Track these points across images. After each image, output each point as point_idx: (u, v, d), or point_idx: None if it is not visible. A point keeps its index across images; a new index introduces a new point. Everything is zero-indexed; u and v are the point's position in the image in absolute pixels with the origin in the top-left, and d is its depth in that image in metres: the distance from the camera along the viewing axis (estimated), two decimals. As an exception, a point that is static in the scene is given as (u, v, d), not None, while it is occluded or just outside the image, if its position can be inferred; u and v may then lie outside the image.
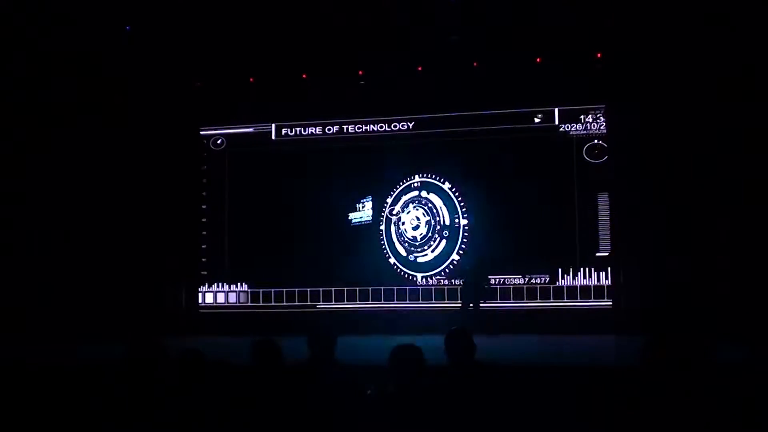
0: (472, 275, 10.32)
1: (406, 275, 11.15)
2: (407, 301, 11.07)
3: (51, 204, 10.89)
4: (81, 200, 11.01)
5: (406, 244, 11.20)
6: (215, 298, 11.65)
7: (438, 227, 11.10)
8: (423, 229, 11.17)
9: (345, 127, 11.55)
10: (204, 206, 11.80)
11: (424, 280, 11.06)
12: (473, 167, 10.98)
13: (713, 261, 9.30)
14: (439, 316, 10.58)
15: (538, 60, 10.33)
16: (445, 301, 10.90)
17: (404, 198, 11.30)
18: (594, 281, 10.52)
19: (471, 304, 10.13)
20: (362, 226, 11.34)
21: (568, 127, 10.79)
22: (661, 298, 9.51)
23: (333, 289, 11.25)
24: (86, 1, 9.22)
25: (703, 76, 9.24)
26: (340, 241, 11.29)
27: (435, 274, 11.03)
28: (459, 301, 10.51)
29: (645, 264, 10.03)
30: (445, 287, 10.96)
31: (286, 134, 11.73)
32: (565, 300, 10.57)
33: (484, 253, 10.58)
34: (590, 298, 10.50)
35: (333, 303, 11.22)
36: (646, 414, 2.34)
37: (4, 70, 9.89)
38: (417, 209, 11.21)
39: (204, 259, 11.72)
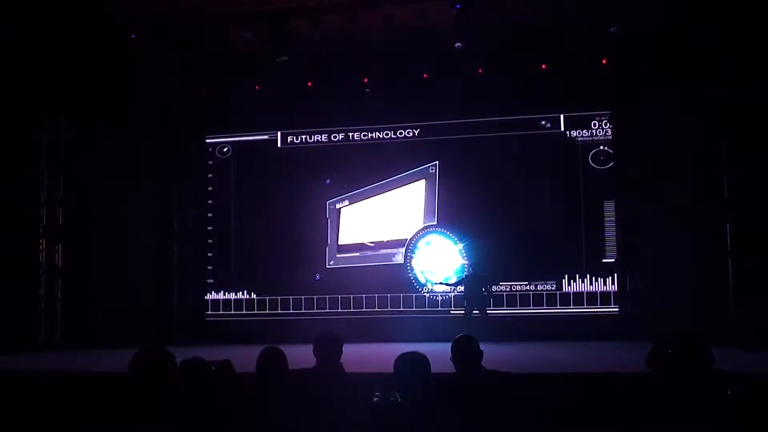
0: (473, 281, 10.25)
1: (416, 282, 11.16)
2: (414, 309, 11.05)
3: (52, 208, 10.94)
4: (83, 205, 11.05)
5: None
6: (222, 305, 11.65)
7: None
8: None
9: (351, 134, 11.58)
10: (210, 214, 11.83)
11: (434, 286, 11.06)
12: (479, 173, 10.97)
13: (718, 266, 9.24)
14: (446, 323, 10.54)
15: (543, 67, 10.33)
16: (452, 309, 10.89)
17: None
18: (600, 287, 10.50)
19: (476, 310, 10.07)
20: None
21: (574, 134, 10.79)
22: (667, 305, 9.47)
23: (339, 296, 11.24)
24: (92, 6, 9.22)
25: (705, 79, 9.22)
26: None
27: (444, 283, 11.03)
28: (462, 309, 10.44)
29: (651, 270, 9.98)
30: (452, 294, 10.94)
31: (292, 142, 11.76)
32: (572, 306, 10.54)
33: (486, 258, 10.51)
34: (597, 305, 10.48)
35: (338, 310, 11.21)
36: (651, 419, 2.34)
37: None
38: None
39: (210, 267, 11.74)
